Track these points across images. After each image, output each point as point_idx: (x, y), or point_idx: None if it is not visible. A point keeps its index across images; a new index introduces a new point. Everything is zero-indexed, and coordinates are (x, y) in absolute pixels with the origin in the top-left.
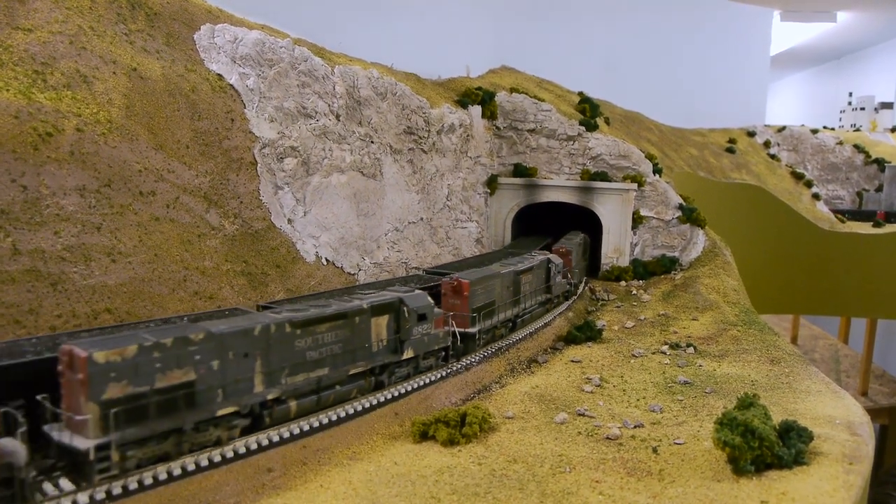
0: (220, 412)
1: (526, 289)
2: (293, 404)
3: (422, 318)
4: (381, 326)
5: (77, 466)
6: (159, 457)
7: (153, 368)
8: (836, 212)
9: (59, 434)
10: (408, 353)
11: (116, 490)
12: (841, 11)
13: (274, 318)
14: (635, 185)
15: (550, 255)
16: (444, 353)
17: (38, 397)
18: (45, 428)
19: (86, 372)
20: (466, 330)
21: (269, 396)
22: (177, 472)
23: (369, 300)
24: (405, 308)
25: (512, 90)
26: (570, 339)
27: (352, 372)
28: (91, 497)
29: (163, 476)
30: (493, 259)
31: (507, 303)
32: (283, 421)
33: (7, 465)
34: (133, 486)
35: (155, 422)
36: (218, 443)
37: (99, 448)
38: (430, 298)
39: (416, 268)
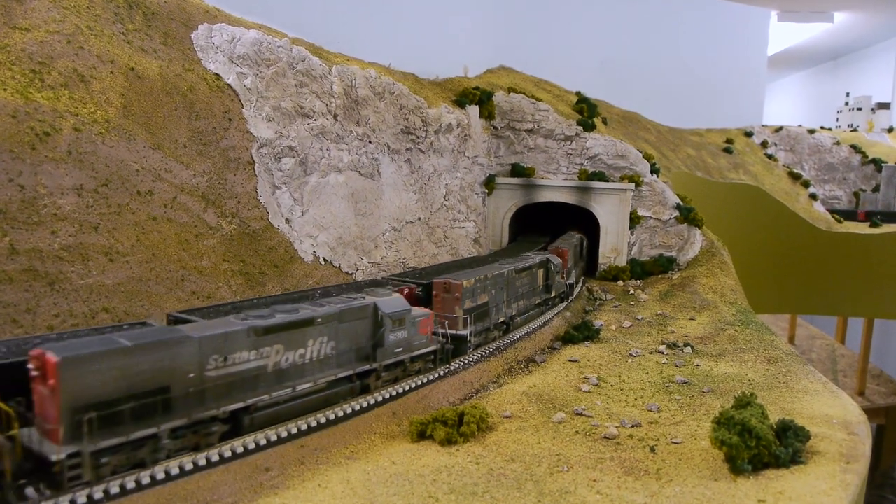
0: (500, 320)
1: (577, 258)
2: (519, 319)
3: (558, 271)
4: (539, 276)
5: (457, 346)
6: (479, 343)
7: (477, 292)
8: (832, 211)
9: (444, 329)
10: (553, 293)
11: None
12: (838, 12)
13: (508, 268)
14: (633, 185)
15: (580, 235)
16: (564, 294)
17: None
18: None
19: (460, 293)
20: (568, 281)
21: (512, 314)
22: (174, 471)
23: (536, 259)
24: (552, 265)
25: (510, 90)
26: (568, 338)
27: (535, 303)
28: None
29: (161, 475)
30: (490, 260)
31: (573, 266)
32: (516, 328)
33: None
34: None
35: (480, 323)
36: (494, 339)
37: (469, 335)
38: (560, 259)
39: (412, 267)
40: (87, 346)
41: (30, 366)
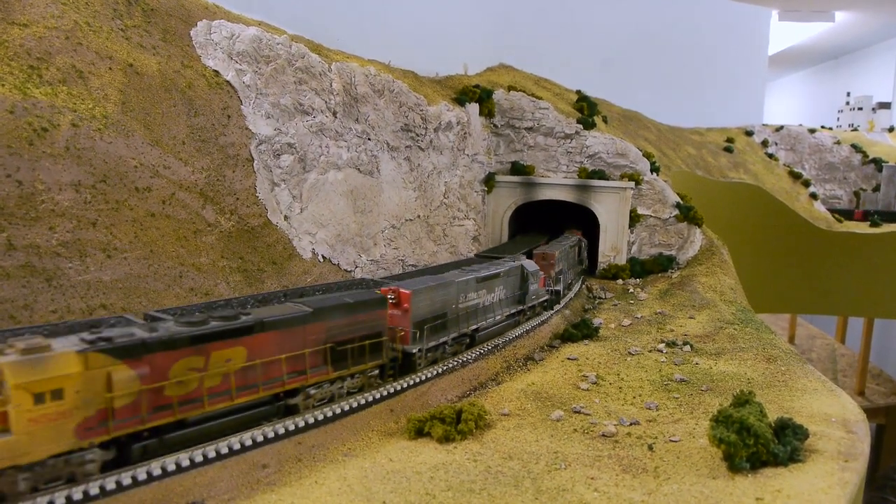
0: (568, 282)
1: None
2: (572, 282)
3: (586, 248)
4: (576, 252)
5: (556, 297)
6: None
7: (559, 262)
8: (833, 211)
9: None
10: (582, 266)
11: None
12: (839, 11)
13: (566, 244)
14: (633, 184)
15: (579, 234)
16: (587, 268)
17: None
18: None
19: (554, 260)
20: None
21: (571, 278)
22: (171, 467)
23: (574, 239)
24: (583, 243)
25: (510, 88)
26: (567, 336)
27: (577, 271)
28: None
29: (157, 472)
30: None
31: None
32: (571, 289)
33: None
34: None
35: (561, 283)
36: (566, 294)
37: (562, 290)
38: (586, 239)
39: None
40: (418, 283)
41: (390, 297)
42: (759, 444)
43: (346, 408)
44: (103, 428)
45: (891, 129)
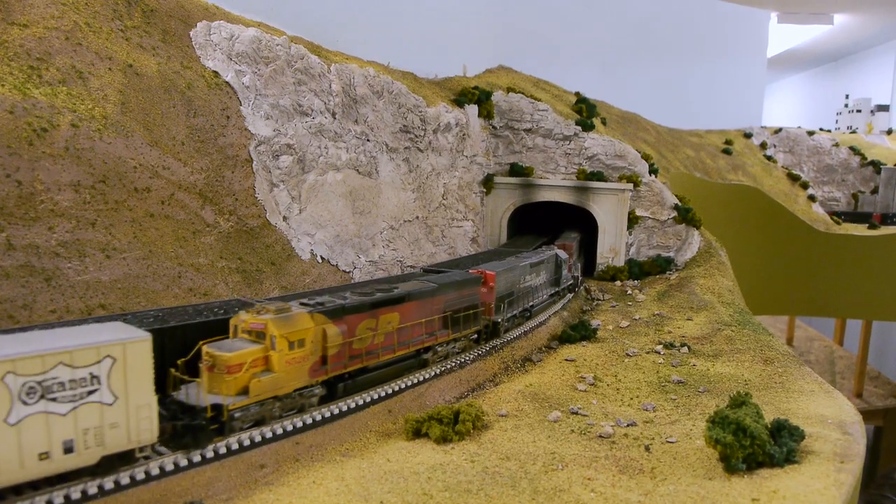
0: (580, 269)
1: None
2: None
3: (584, 245)
4: (579, 246)
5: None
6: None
7: (575, 252)
8: (831, 213)
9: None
10: (583, 259)
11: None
12: (838, 14)
13: (575, 239)
14: (631, 185)
15: (578, 234)
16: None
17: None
18: None
19: (573, 250)
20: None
21: (580, 266)
22: (169, 467)
23: (577, 234)
24: (582, 237)
25: (508, 90)
26: (565, 338)
27: (582, 262)
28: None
29: (155, 471)
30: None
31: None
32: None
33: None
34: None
35: (572, 272)
36: (580, 279)
37: (579, 275)
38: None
39: (411, 266)
40: (498, 266)
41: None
42: (756, 445)
43: (345, 408)
44: (323, 370)
45: (889, 132)
